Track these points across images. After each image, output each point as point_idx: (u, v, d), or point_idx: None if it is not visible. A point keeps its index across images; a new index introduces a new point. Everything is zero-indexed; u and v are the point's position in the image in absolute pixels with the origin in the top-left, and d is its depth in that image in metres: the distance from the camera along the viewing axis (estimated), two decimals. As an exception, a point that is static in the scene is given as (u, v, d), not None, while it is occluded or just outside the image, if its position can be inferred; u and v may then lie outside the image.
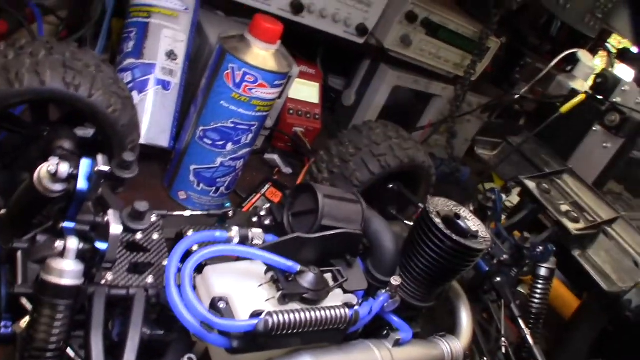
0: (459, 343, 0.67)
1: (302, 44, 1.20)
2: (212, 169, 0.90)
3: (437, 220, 0.60)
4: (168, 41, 0.92)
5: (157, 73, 0.90)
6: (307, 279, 0.52)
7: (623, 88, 1.15)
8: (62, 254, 0.41)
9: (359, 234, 0.58)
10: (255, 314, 0.47)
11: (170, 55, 0.92)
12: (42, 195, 0.47)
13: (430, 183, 0.97)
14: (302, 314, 0.49)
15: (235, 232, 0.54)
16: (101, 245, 0.43)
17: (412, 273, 0.63)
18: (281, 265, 0.52)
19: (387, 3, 1.12)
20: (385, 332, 0.62)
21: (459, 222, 0.63)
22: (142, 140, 0.89)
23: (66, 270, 0.41)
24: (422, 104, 1.37)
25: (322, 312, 0.50)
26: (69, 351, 0.43)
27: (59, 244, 0.41)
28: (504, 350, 0.75)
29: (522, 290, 0.87)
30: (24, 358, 0.41)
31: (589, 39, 1.46)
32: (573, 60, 1.40)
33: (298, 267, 0.52)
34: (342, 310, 0.51)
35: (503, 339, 0.76)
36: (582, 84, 1.27)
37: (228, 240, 0.53)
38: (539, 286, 0.78)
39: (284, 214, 0.59)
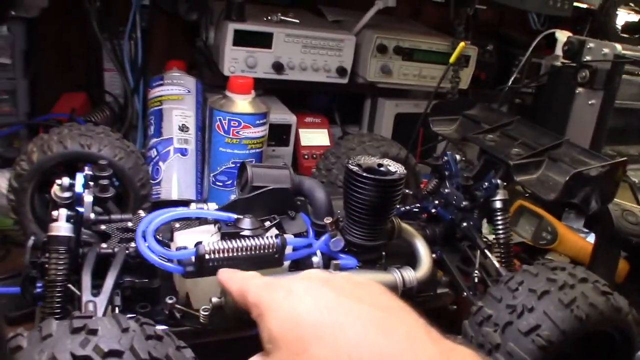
0: (413, 272, 0.79)
1: (316, 104, 1.45)
2: (229, 204, 1.11)
3: (354, 168, 0.76)
4: (179, 118, 1.17)
5: (175, 144, 1.15)
6: (244, 223, 0.70)
7: (589, 46, 1.25)
8: (57, 219, 0.64)
9: (288, 188, 0.75)
10: (197, 244, 0.66)
11: (183, 128, 1.17)
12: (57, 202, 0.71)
13: (413, 171, 1.12)
14: (234, 242, 0.67)
15: (193, 205, 0.74)
16: (81, 209, 0.65)
17: (352, 217, 0.77)
18: (221, 217, 0.70)
19: (357, 43, 1.32)
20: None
21: (381, 168, 0.78)
22: (174, 197, 1.13)
23: (60, 227, 0.63)
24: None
25: (251, 240, 0.67)
26: (71, 287, 0.63)
27: (54, 212, 0.64)
28: (476, 280, 0.86)
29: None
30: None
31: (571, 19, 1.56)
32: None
33: (235, 216, 0.71)
34: (269, 238, 0.68)
35: (476, 271, 0.86)
36: (561, 59, 1.37)
37: (186, 211, 0.73)
38: (498, 218, 0.88)
39: (235, 188, 0.78)
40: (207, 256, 0.65)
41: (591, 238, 1.23)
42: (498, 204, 0.89)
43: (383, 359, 0.39)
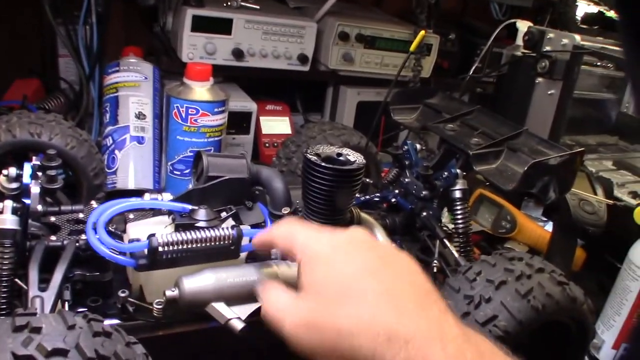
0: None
1: (277, 91, 1.43)
2: (187, 194, 1.09)
3: (313, 157, 0.75)
4: (135, 106, 1.14)
5: (131, 132, 1.12)
6: (199, 214, 0.68)
7: (548, 37, 1.26)
8: (2, 211, 0.61)
9: (244, 178, 0.74)
10: (149, 236, 0.64)
11: (140, 116, 1.14)
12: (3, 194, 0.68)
13: (374, 160, 1.12)
14: (188, 233, 0.65)
15: (147, 195, 0.72)
16: (27, 201, 0.63)
17: (311, 207, 0.76)
18: (176, 208, 0.69)
19: (319, 30, 1.31)
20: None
21: (340, 158, 0.77)
22: (131, 186, 1.10)
23: (4, 219, 0.60)
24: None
25: (206, 231, 0.66)
26: (18, 281, 0.61)
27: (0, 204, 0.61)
28: (435, 269, 0.86)
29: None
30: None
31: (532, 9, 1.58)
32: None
33: (189, 207, 0.69)
34: (225, 229, 0.67)
35: (435, 261, 0.86)
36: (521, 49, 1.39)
37: (140, 202, 0.71)
38: (458, 208, 0.88)
39: (191, 179, 0.76)
40: (160, 249, 0.63)
41: (549, 227, 1.25)
42: (457, 194, 0.89)
43: (414, 335, 0.42)
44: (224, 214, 0.71)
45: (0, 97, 1.20)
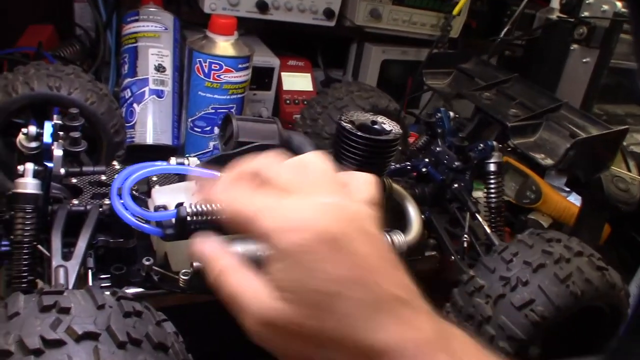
0: (403, 236, 0.76)
1: (298, 46, 1.37)
2: (207, 153, 1.06)
3: (347, 125, 0.71)
4: (155, 57, 1.09)
5: (151, 85, 1.08)
6: (228, 182, 0.65)
7: (587, 1, 1.20)
8: (23, 174, 0.58)
9: (276, 145, 0.70)
10: (177, 205, 0.61)
11: (159, 68, 1.09)
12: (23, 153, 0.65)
13: (403, 127, 1.07)
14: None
15: (173, 160, 0.68)
16: (49, 164, 0.59)
17: (343, 177, 0.73)
18: (204, 174, 0.65)
19: (347, -16, 1.25)
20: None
21: (375, 126, 0.74)
22: (149, 141, 1.07)
23: (26, 183, 0.57)
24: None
25: (237, 201, 0.63)
26: (40, 247, 0.58)
27: (20, 167, 0.58)
28: (465, 244, 0.83)
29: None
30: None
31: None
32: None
33: (218, 174, 0.65)
34: (256, 199, 0.64)
35: (465, 235, 0.83)
36: (557, 12, 1.32)
37: (166, 166, 0.68)
38: (492, 181, 0.85)
39: (218, 143, 0.72)
40: (188, 218, 0.60)
41: (573, 197, 1.22)
42: (492, 167, 0.86)
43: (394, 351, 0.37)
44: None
45: (14, 43, 1.15)
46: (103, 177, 0.69)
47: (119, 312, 0.44)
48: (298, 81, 1.34)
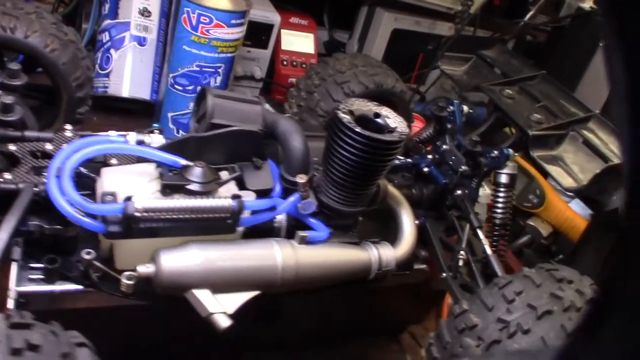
0: (392, 251, 0.66)
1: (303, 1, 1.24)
2: (186, 114, 0.94)
3: (346, 117, 0.60)
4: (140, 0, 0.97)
5: (132, 30, 0.96)
6: (193, 172, 0.54)
7: (628, -3, 1.07)
8: None
9: (257, 132, 0.59)
10: (126, 199, 0.50)
11: (144, 12, 0.97)
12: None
13: (406, 108, 0.96)
14: (176, 202, 0.51)
15: (132, 135, 0.57)
16: None
17: (332, 176, 0.62)
18: (165, 160, 0.54)
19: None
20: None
21: (377, 120, 0.63)
22: (124, 94, 0.96)
23: None
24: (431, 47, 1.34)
25: (199, 201, 0.52)
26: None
27: None
28: (461, 263, 0.73)
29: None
30: None
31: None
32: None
33: (183, 162, 0.55)
34: (223, 200, 0.53)
35: (462, 252, 0.74)
36: (591, 2, 1.20)
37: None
38: (500, 194, 0.76)
39: (190, 120, 0.61)
40: (137, 214, 0.50)
41: (574, 204, 1.13)
42: (504, 178, 0.76)
43: None
44: (224, 175, 0.58)
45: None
46: (49, 146, 0.58)
47: (5, 350, 0.34)
48: (299, 41, 1.21)
